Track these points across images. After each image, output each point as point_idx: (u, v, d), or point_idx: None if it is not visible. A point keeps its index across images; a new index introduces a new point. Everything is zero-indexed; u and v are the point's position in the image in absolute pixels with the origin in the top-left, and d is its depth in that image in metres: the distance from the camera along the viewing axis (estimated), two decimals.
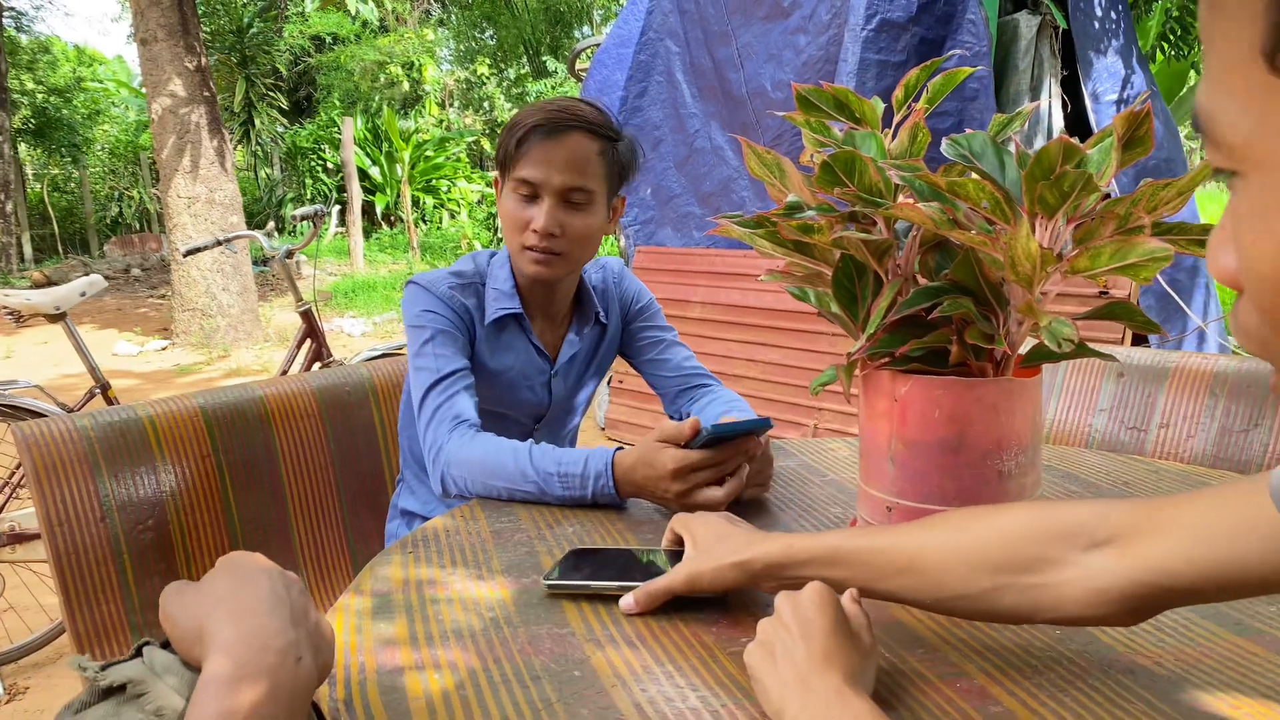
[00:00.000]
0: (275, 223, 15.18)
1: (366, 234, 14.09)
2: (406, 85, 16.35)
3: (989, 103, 3.18)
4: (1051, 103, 3.28)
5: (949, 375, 0.88)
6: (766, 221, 0.93)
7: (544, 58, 16.67)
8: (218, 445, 1.40)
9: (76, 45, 20.83)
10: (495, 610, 0.86)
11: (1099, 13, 3.40)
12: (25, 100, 15.78)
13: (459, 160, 15.81)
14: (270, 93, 16.03)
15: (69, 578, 1.23)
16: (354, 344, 7.54)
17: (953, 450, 0.87)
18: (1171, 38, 4.28)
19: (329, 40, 16.82)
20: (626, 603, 0.84)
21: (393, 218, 15.89)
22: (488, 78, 17.49)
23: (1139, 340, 3.24)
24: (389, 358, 1.80)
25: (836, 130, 0.98)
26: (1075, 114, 3.39)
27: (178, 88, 7.16)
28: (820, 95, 0.96)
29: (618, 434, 4.36)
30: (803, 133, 0.98)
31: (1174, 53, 4.33)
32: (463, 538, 1.05)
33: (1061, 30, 3.31)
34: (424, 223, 15.41)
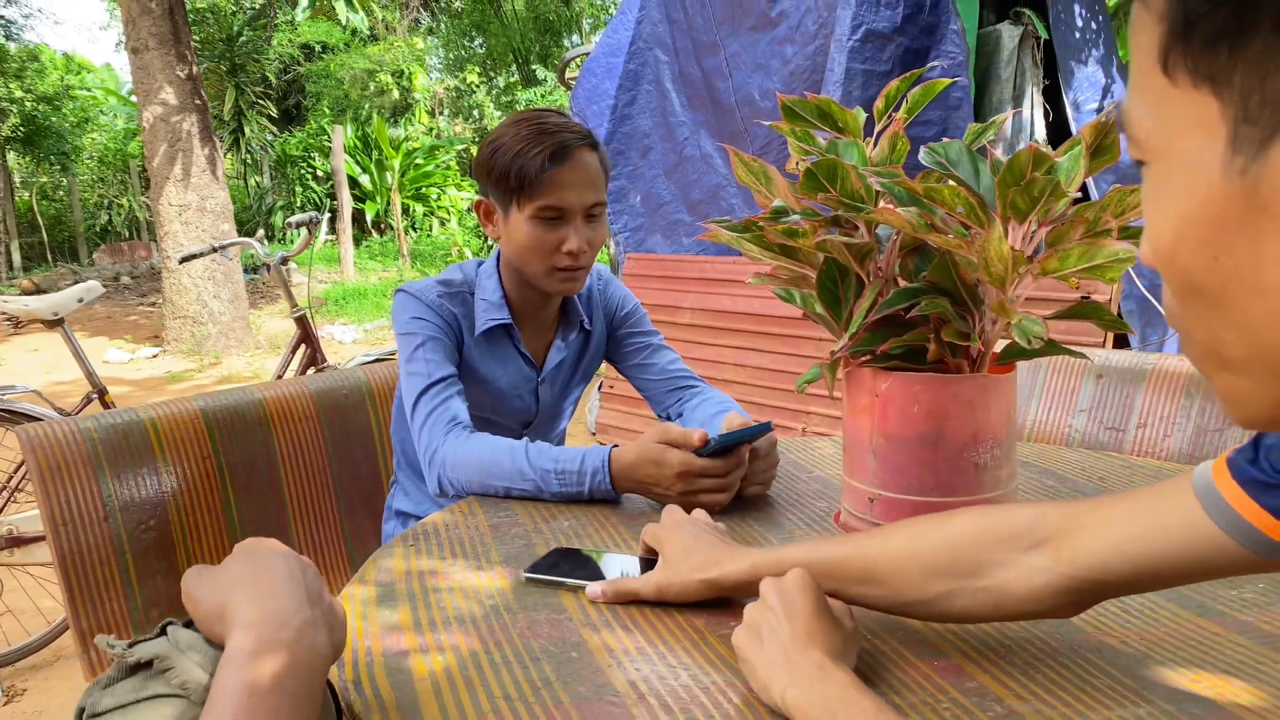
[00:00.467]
0: (265, 230, 15.18)
1: (356, 241, 14.10)
2: (396, 93, 16.39)
3: (971, 112, 3.24)
4: (1034, 111, 3.34)
5: (927, 372, 0.92)
6: (753, 226, 0.97)
7: (533, 66, 16.73)
8: (218, 447, 1.43)
9: (65, 53, 20.77)
10: (495, 598, 0.90)
11: (1079, 23, 3.47)
12: (14, 108, 15.75)
13: (449, 168, 15.85)
14: (260, 101, 16.04)
15: (73, 577, 1.25)
16: (345, 350, 7.56)
17: (931, 444, 0.91)
18: None
19: (318, 49, 16.84)
20: (593, 590, 0.89)
21: (383, 225, 15.91)
22: (477, 86, 17.55)
23: (1120, 343, 3.30)
24: (383, 362, 1.84)
25: (820, 139, 1.02)
26: (1057, 122, 3.45)
27: (169, 96, 7.19)
28: (804, 105, 1.00)
29: (608, 439, 4.40)
30: (788, 141, 1.03)
31: None
32: (462, 532, 1.09)
33: (1043, 40, 3.38)
34: (414, 230, 15.44)
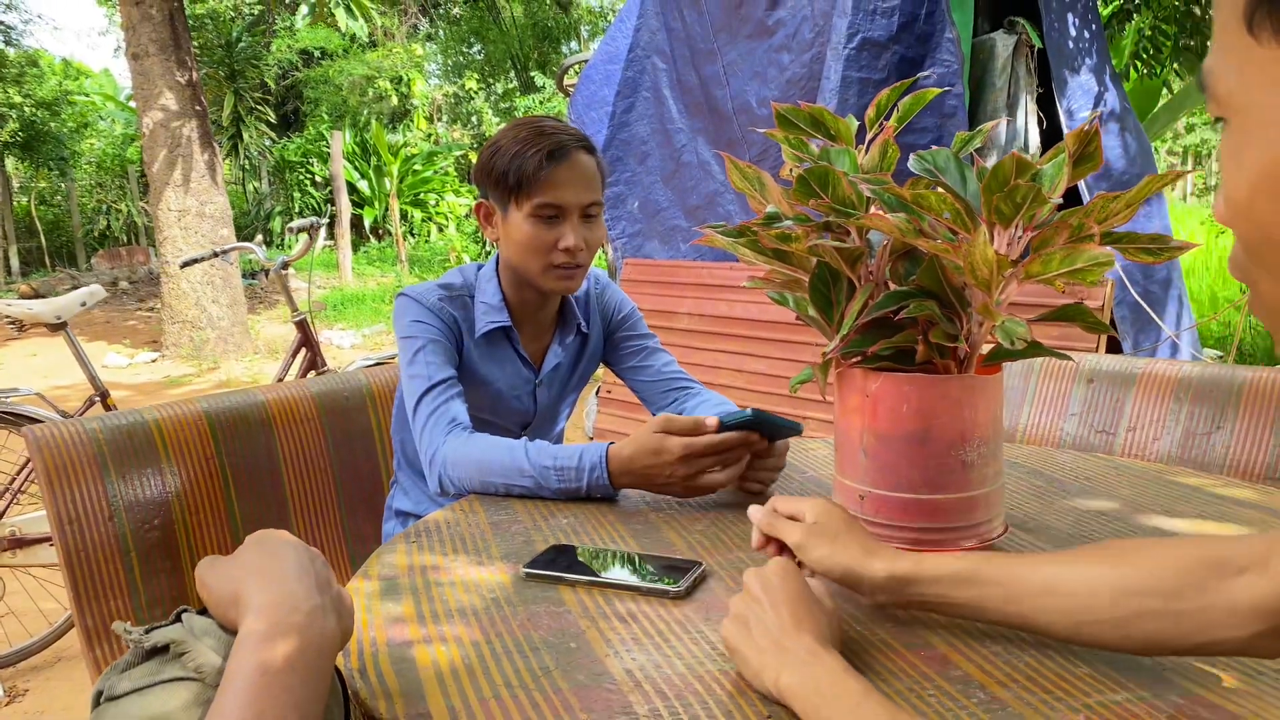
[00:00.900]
0: (263, 236, 15.21)
1: (355, 247, 14.12)
2: (395, 99, 16.44)
3: (966, 120, 3.28)
4: (1028, 119, 3.38)
5: (916, 373, 0.95)
6: (748, 231, 1.00)
7: (532, 73, 16.76)
8: (221, 448, 1.45)
9: (64, 58, 20.82)
10: (495, 592, 0.92)
11: (1073, 32, 3.51)
12: (12, 113, 15.77)
13: (447, 174, 15.90)
14: (259, 107, 16.07)
15: (78, 576, 1.27)
16: (344, 355, 7.58)
17: (920, 442, 0.94)
18: (1145, 56, 4.39)
19: (318, 54, 16.88)
20: (754, 512, 0.90)
21: (381, 231, 15.94)
22: (476, 92, 17.59)
23: (1113, 348, 3.33)
24: (382, 366, 1.87)
25: (814, 146, 1.05)
26: (1051, 130, 3.49)
27: (169, 102, 7.22)
28: (798, 114, 1.03)
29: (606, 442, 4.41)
30: (783, 148, 1.06)
31: (1147, 71, 4.44)
32: (463, 529, 1.11)
33: (1037, 49, 3.41)
34: (412, 236, 15.47)
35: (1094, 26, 3.56)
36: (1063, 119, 3.40)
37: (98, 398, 2.83)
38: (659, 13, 4.35)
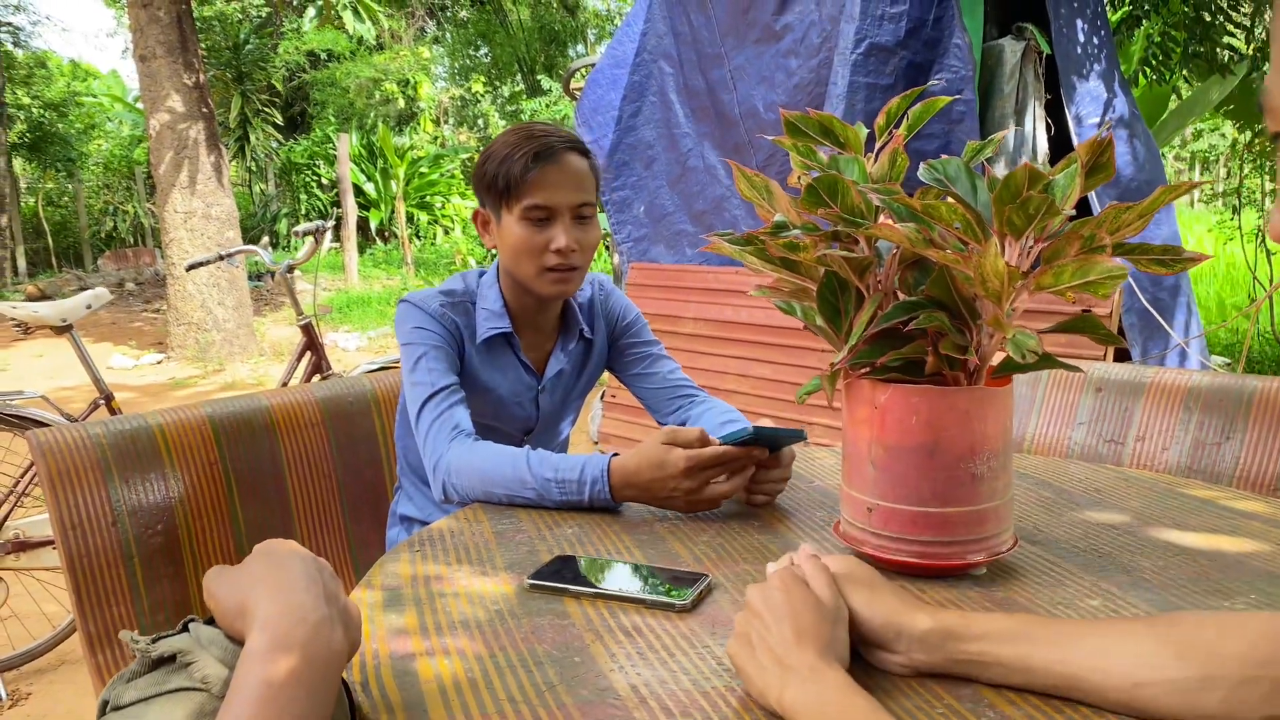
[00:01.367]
0: (270, 238, 15.23)
1: (361, 249, 14.15)
2: (402, 102, 16.47)
3: (975, 126, 3.27)
4: (1036, 126, 3.36)
5: (925, 384, 0.94)
6: (755, 240, 0.99)
7: (538, 76, 16.81)
8: (225, 453, 1.45)
9: (72, 60, 20.92)
10: (499, 603, 0.91)
11: (1082, 38, 3.49)
12: (21, 114, 15.83)
13: (453, 177, 15.92)
14: (266, 109, 16.12)
15: (81, 581, 1.27)
16: (349, 358, 7.58)
17: (929, 454, 0.93)
18: (1154, 62, 4.37)
19: (325, 57, 16.92)
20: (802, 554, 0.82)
21: (387, 233, 15.97)
22: (482, 95, 17.63)
23: (1121, 356, 3.31)
24: (387, 370, 1.86)
25: (822, 154, 1.04)
26: (1059, 137, 3.47)
27: (176, 104, 7.23)
28: (807, 121, 1.02)
29: (610, 448, 4.40)
30: (791, 156, 1.05)
31: (1156, 77, 4.42)
32: (466, 538, 1.10)
33: (1045, 55, 3.40)
34: (418, 238, 15.50)
35: (1103, 32, 3.55)
36: (1071, 126, 3.39)
37: (102, 401, 2.83)
38: (666, 17, 4.35)
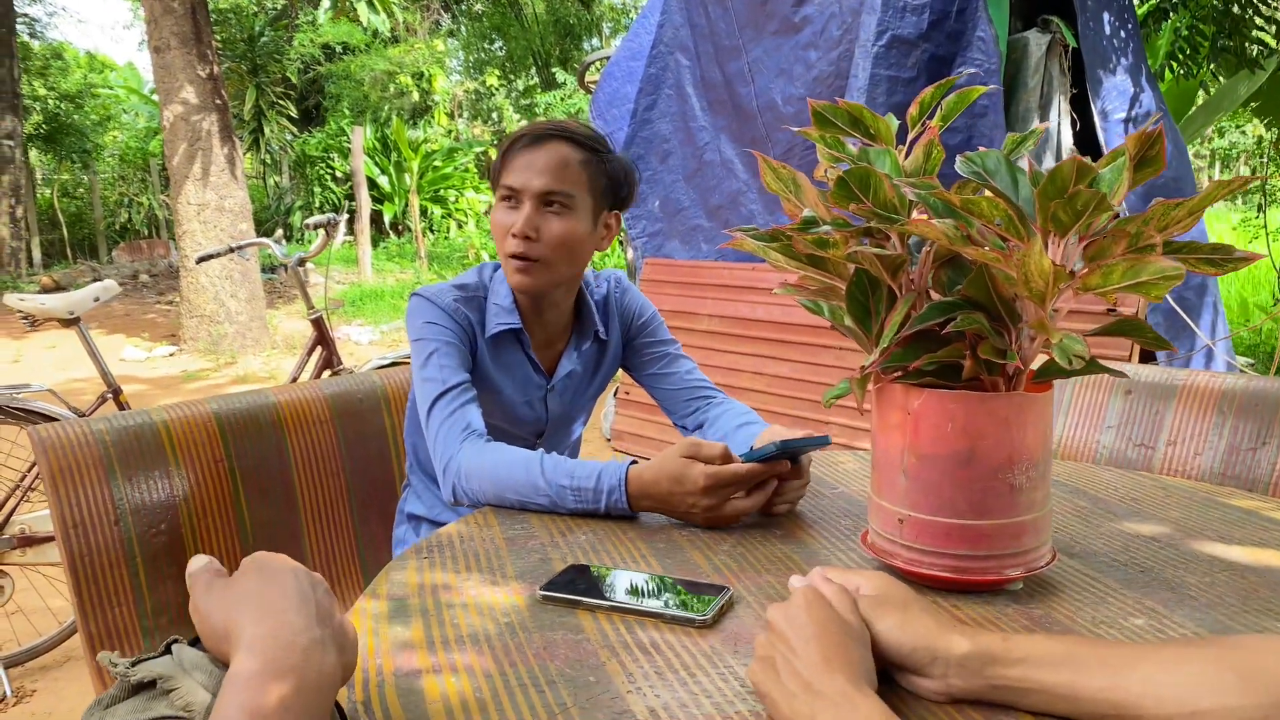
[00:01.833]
0: (283, 230, 15.25)
1: (374, 243, 14.15)
2: (416, 95, 16.45)
3: (998, 119, 3.20)
4: (1061, 120, 3.30)
5: (962, 389, 0.89)
6: (781, 236, 0.94)
7: (553, 69, 16.76)
8: (231, 450, 1.41)
9: (88, 51, 20.99)
10: (510, 616, 0.87)
11: (1108, 31, 3.42)
12: (37, 106, 15.89)
13: (467, 170, 15.90)
14: (280, 101, 16.12)
15: (83, 581, 1.24)
16: (361, 352, 7.56)
17: (964, 463, 0.88)
18: (1180, 56, 4.29)
19: (339, 49, 16.92)
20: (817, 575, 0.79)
21: (400, 227, 15.96)
22: (497, 89, 17.59)
23: (1147, 358, 3.25)
24: (399, 366, 1.82)
25: (851, 146, 0.99)
26: (1084, 132, 3.41)
27: (190, 95, 7.22)
28: (835, 111, 0.97)
29: (623, 445, 4.37)
30: (817, 148, 1.00)
31: (1183, 71, 4.34)
32: (476, 544, 1.06)
33: (1071, 49, 3.33)
34: (431, 232, 15.48)
35: (1130, 26, 3.48)
36: (1097, 120, 3.32)
37: (109, 395, 2.80)
38: (683, 8, 4.30)
